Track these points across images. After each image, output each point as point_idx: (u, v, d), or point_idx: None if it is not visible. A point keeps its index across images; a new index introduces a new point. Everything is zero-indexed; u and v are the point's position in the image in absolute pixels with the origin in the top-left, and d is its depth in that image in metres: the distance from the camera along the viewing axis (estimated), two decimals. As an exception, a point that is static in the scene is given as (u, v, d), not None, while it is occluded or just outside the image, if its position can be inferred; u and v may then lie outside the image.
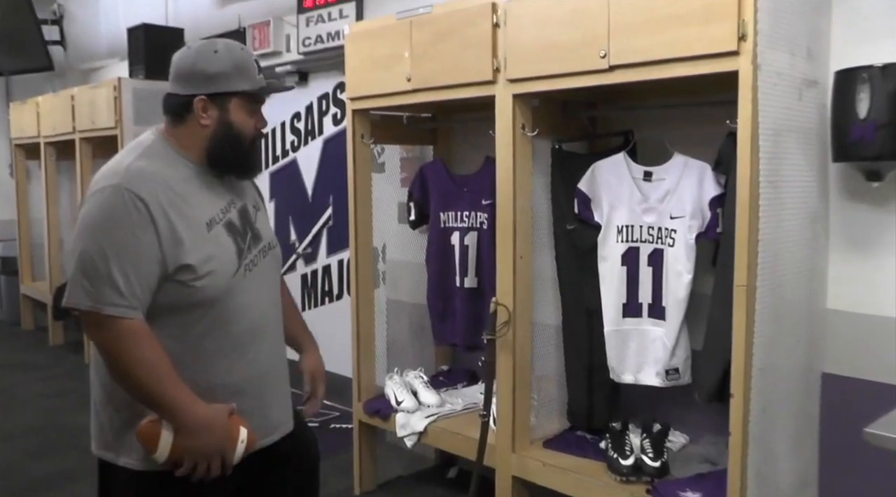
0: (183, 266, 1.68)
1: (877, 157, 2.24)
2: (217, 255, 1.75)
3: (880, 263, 2.41)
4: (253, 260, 1.84)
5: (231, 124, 1.81)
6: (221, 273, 1.74)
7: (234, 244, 1.80)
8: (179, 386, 1.67)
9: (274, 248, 1.96)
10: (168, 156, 1.79)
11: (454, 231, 3.33)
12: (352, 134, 3.35)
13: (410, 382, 3.44)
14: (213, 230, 1.76)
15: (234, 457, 1.74)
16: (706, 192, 2.55)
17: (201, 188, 1.79)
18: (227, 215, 1.82)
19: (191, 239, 1.70)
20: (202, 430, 1.67)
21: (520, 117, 2.73)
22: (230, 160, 1.82)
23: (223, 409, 1.72)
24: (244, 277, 1.80)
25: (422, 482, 3.71)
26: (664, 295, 2.65)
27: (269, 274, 1.92)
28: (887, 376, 2.39)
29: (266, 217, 2.00)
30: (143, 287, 1.65)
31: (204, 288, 1.71)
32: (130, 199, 1.64)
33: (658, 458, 2.57)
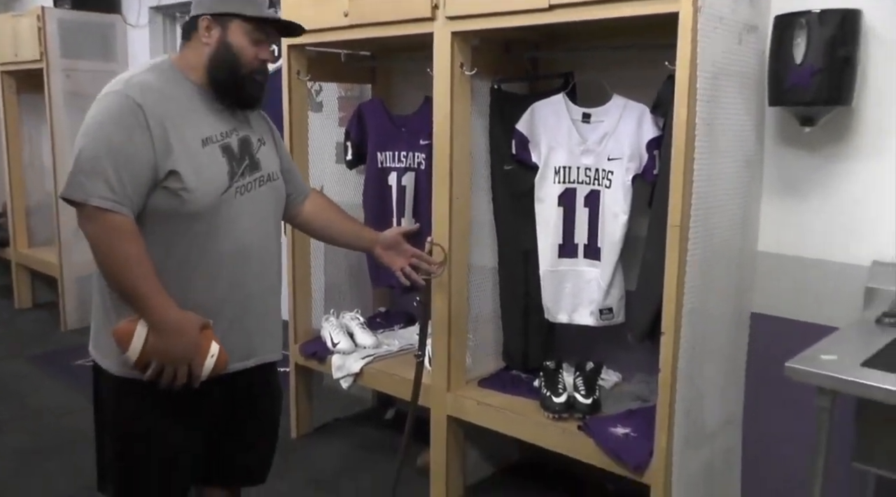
0: (172, 172, 1.75)
1: (811, 103, 2.26)
2: (207, 169, 1.81)
3: (810, 207, 2.46)
4: (246, 185, 1.90)
5: (230, 46, 1.86)
6: (209, 188, 1.81)
7: (228, 165, 1.86)
8: (156, 286, 1.74)
9: (274, 180, 2.00)
10: (173, 76, 1.87)
11: (392, 171, 3.29)
12: (287, 70, 3.28)
13: (347, 324, 3.43)
14: (207, 147, 1.83)
15: (203, 370, 1.79)
16: (644, 134, 2.56)
17: (203, 109, 1.87)
18: (227, 140, 1.88)
19: (182, 149, 1.78)
20: (172, 332, 1.74)
21: (458, 56, 2.69)
22: (227, 83, 1.87)
23: (196, 319, 1.79)
24: (234, 199, 1.86)
25: (359, 424, 3.73)
26: (600, 236, 2.67)
27: (265, 204, 1.97)
28: (813, 316, 2.45)
29: (273, 152, 2.05)
30: (134, 188, 1.73)
31: (191, 200, 1.78)
32: (129, 106, 1.74)
33: (590, 396, 2.61)
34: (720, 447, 2.54)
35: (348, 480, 3.17)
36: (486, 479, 3.15)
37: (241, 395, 2.02)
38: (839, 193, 2.40)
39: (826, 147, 2.41)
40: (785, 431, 2.56)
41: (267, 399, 2.14)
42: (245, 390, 2.02)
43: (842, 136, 2.37)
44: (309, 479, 3.17)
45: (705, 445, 2.45)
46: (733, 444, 2.62)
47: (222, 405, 1.99)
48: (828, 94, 2.24)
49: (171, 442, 1.91)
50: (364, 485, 3.12)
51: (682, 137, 2.15)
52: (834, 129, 2.37)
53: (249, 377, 2.00)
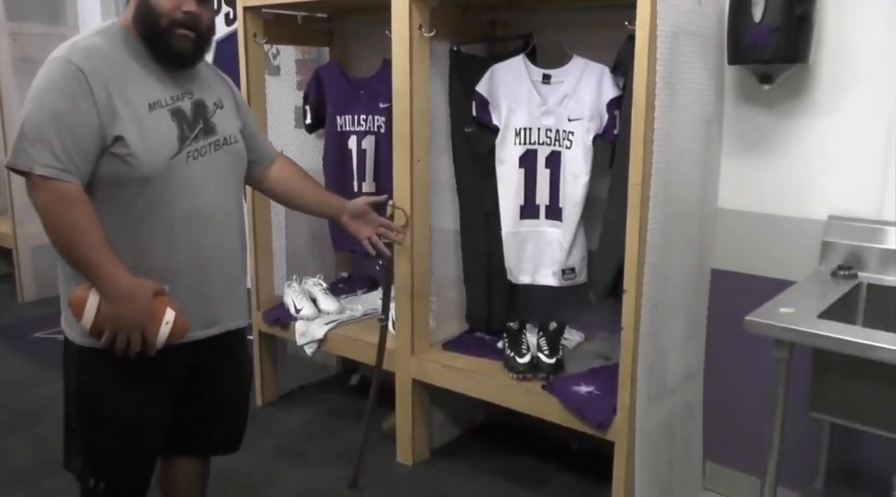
0: (118, 138, 1.73)
1: (769, 61, 2.28)
2: (154, 134, 1.78)
3: (768, 164, 2.48)
4: (200, 149, 1.86)
5: (147, 1, 1.80)
6: (156, 153, 1.77)
7: (178, 129, 1.82)
8: (106, 253, 1.72)
9: (232, 144, 1.97)
10: (120, 37, 1.83)
11: (351, 135, 3.26)
12: (244, 33, 3.22)
13: (310, 290, 3.41)
14: (154, 111, 1.79)
15: (158, 338, 1.76)
16: (604, 94, 2.56)
17: (152, 72, 1.83)
18: (178, 103, 1.85)
19: (128, 114, 1.74)
20: (123, 299, 1.72)
21: (417, 18, 2.66)
22: (151, 39, 1.82)
23: (149, 285, 1.76)
24: (186, 163, 1.83)
25: (324, 391, 3.73)
26: (561, 197, 2.68)
27: (221, 168, 1.93)
28: (771, 271, 2.49)
29: (232, 117, 2.01)
30: (81, 155, 1.71)
31: (139, 165, 1.75)
32: (72, 71, 1.70)
33: (553, 355, 2.63)
34: (681, 401, 2.58)
35: (315, 447, 3.17)
36: (452, 442, 3.17)
37: (207, 364, 2.00)
38: (797, 150, 2.43)
39: (784, 104, 2.43)
40: (744, 384, 2.61)
41: (234, 367, 2.12)
42: (211, 358, 2.00)
43: (799, 94, 2.40)
44: (275, 447, 3.17)
45: (667, 400, 2.49)
46: (694, 397, 2.67)
47: (188, 374, 1.97)
48: (785, 52, 2.25)
49: (135, 412, 1.89)
50: (331, 451, 3.13)
51: (642, 97, 2.15)
52: (791, 86, 2.39)
53: (215, 345, 1.98)
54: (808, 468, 2.47)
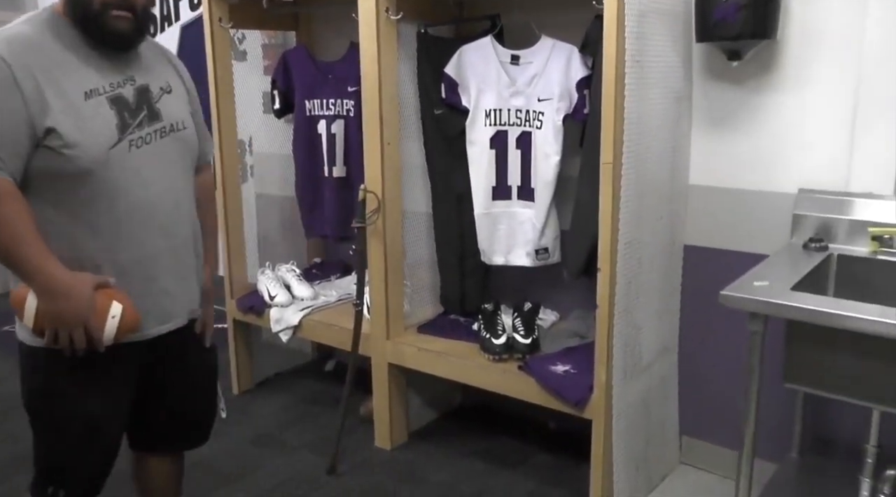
0: (50, 130, 1.63)
1: (737, 37, 2.28)
2: (90, 124, 1.68)
3: (738, 139, 2.49)
4: (144, 137, 1.77)
5: None
6: (94, 143, 1.68)
7: (118, 117, 1.72)
8: (37, 248, 1.64)
9: (180, 130, 1.86)
10: (52, 24, 1.72)
11: (320, 119, 3.23)
12: (209, 17, 3.18)
13: (283, 276, 3.39)
14: (91, 100, 1.69)
15: (105, 333, 1.68)
16: (573, 73, 2.56)
17: (88, 59, 1.72)
18: (118, 90, 1.74)
19: (61, 105, 1.64)
20: (59, 294, 1.64)
21: (383, 0, 2.64)
22: (84, 23, 1.71)
23: (88, 278, 1.68)
24: (128, 152, 1.73)
25: (300, 377, 3.72)
26: (533, 177, 2.68)
27: (171, 155, 1.84)
28: (742, 245, 2.51)
29: (181, 101, 1.92)
30: (9, 149, 1.61)
31: (76, 157, 1.65)
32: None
33: (529, 335, 2.64)
34: (657, 377, 2.60)
35: (293, 434, 3.16)
36: (429, 425, 3.18)
37: (169, 358, 1.93)
38: (766, 125, 2.44)
39: (752, 80, 2.44)
40: (718, 357, 2.64)
41: (197, 358, 2.04)
42: (172, 353, 1.92)
43: (767, 69, 2.41)
44: (253, 435, 3.16)
45: (643, 376, 2.50)
46: (669, 372, 2.69)
47: (151, 370, 1.90)
48: (753, 28, 2.26)
49: (88, 412, 1.80)
50: (308, 437, 3.12)
51: (611, 75, 2.15)
52: (759, 62, 2.40)
53: (174, 338, 1.90)
54: (782, 439, 2.50)
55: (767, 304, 1.81)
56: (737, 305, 1.85)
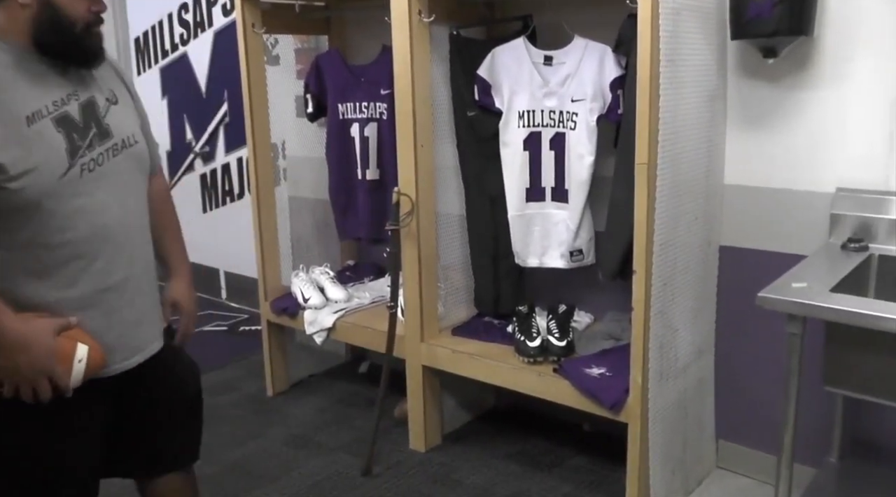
0: None
1: (773, 34, 2.26)
2: (37, 152, 1.52)
3: (774, 138, 2.46)
4: (96, 159, 1.61)
5: (54, 6, 1.55)
6: (44, 173, 1.52)
7: (66, 140, 1.56)
8: None
9: (132, 146, 1.71)
10: None
11: (353, 122, 3.24)
12: (242, 23, 3.20)
13: (317, 279, 3.41)
14: (35, 125, 1.53)
15: (72, 378, 1.57)
16: (607, 73, 2.54)
17: (25, 78, 1.55)
18: (63, 108, 1.58)
19: (2, 134, 1.47)
20: (15, 348, 1.49)
21: (416, 3, 2.65)
22: (61, 47, 1.58)
23: (47, 325, 1.54)
24: (80, 178, 1.58)
25: (334, 379, 3.74)
26: (567, 178, 2.67)
27: (124, 175, 1.69)
28: (779, 245, 2.48)
29: (128, 111, 1.76)
30: None
31: (22, 190, 1.49)
32: None
33: (563, 338, 2.63)
34: (693, 379, 2.58)
35: (327, 435, 3.17)
36: (463, 427, 3.17)
37: (143, 386, 1.80)
38: (802, 123, 2.41)
39: (788, 77, 2.41)
40: (755, 359, 2.61)
41: (177, 383, 1.92)
42: (148, 381, 1.80)
43: (804, 66, 2.37)
44: (287, 436, 3.18)
45: (679, 378, 2.48)
46: (706, 374, 2.66)
47: (127, 403, 1.78)
48: (789, 24, 2.23)
49: (58, 457, 1.66)
50: (343, 439, 3.13)
51: (646, 75, 2.14)
52: (796, 59, 2.37)
53: (149, 366, 1.78)
54: (822, 443, 2.46)
55: (806, 306, 1.79)
56: (775, 307, 1.83)
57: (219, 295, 4.84)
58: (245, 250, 3.52)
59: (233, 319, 4.48)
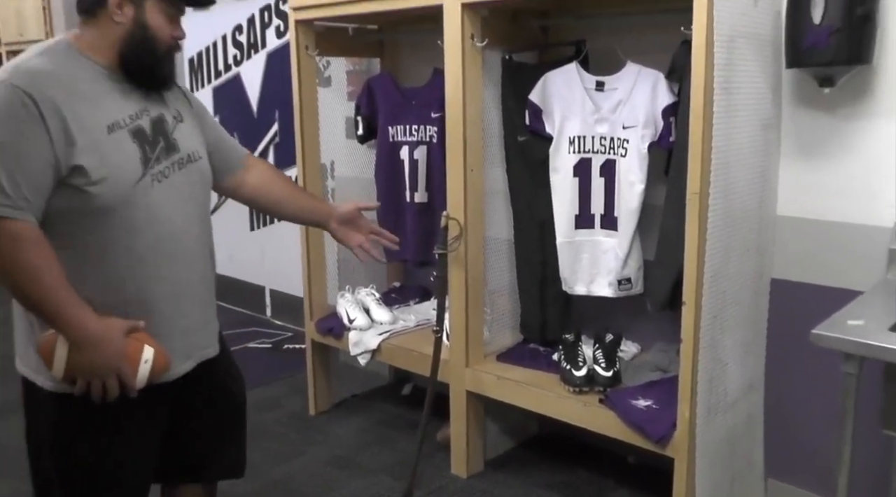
0: (75, 167, 1.57)
1: (830, 63, 2.22)
2: (115, 159, 1.63)
3: (830, 169, 2.41)
4: (163, 171, 1.72)
5: (147, 27, 1.68)
6: (120, 179, 1.63)
7: (140, 151, 1.67)
8: (66, 295, 1.57)
9: (196, 161, 1.81)
10: (71, 57, 1.67)
11: (403, 145, 3.25)
12: (295, 46, 3.24)
13: (362, 300, 3.42)
14: (114, 134, 1.64)
15: (138, 378, 1.64)
16: (659, 100, 2.51)
17: (108, 91, 1.67)
18: (137, 122, 1.69)
19: (85, 141, 1.58)
20: (92, 345, 1.58)
21: (469, 27, 2.65)
22: (142, 66, 1.70)
23: (119, 325, 1.62)
24: (151, 187, 1.69)
25: (376, 400, 3.73)
26: (616, 205, 2.64)
27: (188, 188, 1.79)
28: (833, 280, 2.42)
29: (193, 129, 1.86)
30: (33, 189, 1.55)
31: (100, 194, 1.60)
32: (18, 97, 1.53)
33: (610, 368, 2.59)
34: (742, 414, 2.52)
35: (369, 457, 3.17)
36: (506, 453, 3.14)
37: (196, 391, 1.88)
38: (860, 154, 2.36)
39: (845, 107, 2.36)
40: (807, 397, 2.54)
41: (225, 392, 2.00)
42: (199, 387, 1.88)
43: (861, 96, 2.33)
44: (330, 456, 3.18)
45: (727, 414, 2.43)
46: (755, 410, 2.60)
47: (177, 407, 1.85)
48: (847, 53, 2.19)
49: (119, 457, 1.75)
50: (385, 461, 3.12)
51: (699, 103, 2.11)
52: (853, 88, 2.32)
53: (201, 373, 1.86)
54: (878, 488, 2.38)
55: (864, 346, 1.73)
56: (830, 345, 1.78)
57: (264, 312, 4.87)
58: (291, 269, 3.53)
59: (277, 337, 4.51)
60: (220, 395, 1.98)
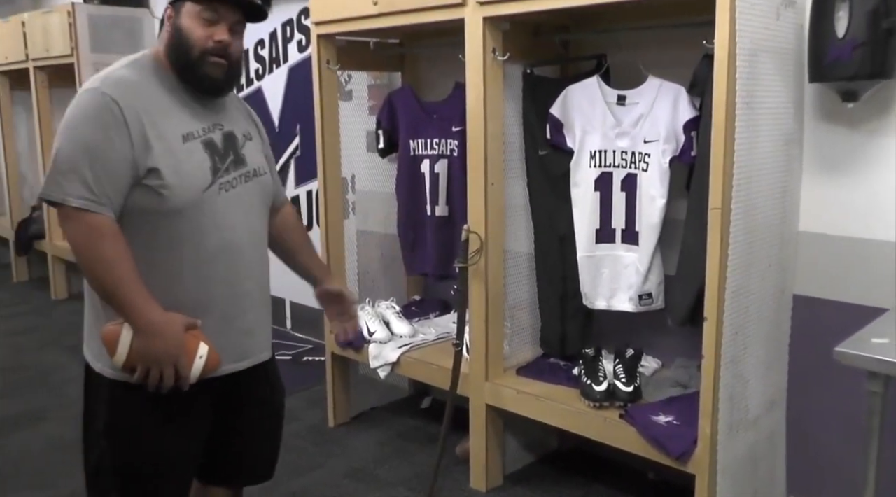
0: (151, 169, 1.71)
1: (853, 77, 2.21)
2: (187, 166, 1.76)
3: (853, 184, 2.40)
4: (231, 182, 1.84)
5: (180, 29, 1.79)
6: (190, 184, 1.76)
7: (210, 161, 1.81)
8: (136, 287, 1.69)
9: (261, 175, 1.95)
10: (153, 69, 1.82)
11: (424, 159, 3.26)
12: (317, 60, 3.26)
13: (382, 313, 3.42)
14: (188, 143, 1.78)
15: (192, 372, 1.73)
16: (681, 115, 2.51)
17: (183, 104, 1.82)
18: (209, 135, 1.83)
19: (162, 146, 1.73)
20: (155, 334, 1.68)
21: (490, 41, 2.66)
22: (182, 67, 1.81)
23: (180, 319, 1.73)
24: (218, 195, 1.81)
25: (396, 413, 3.73)
26: (637, 220, 2.63)
27: (251, 199, 1.91)
28: (856, 297, 2.40)
29: (259, 148, 2.00)
30: (113, 186, 1.69)
31: (172, 196, 1.73)
32: (105, 102, 1.69)
33: (631, 383, 2.58)
34: (764, 432, 2.50)
35: (387, 469, 3.16)
36: (525, 468, 3.13)
37: (240, 396, 1.96)
38: (884, 170, 2.34)
39: (869, 122, 2.35)
40: (830, 414, 2.51)
41: (267, 397, 2.08)
42: (243, 390, 1.96)
43: (885, 111, 2.31)
44: (348, 468, 3.17)
45: (749, 431, 2.41)
46: (777, 428, 2.58)
47: (221, 405, 1.93)
48: (871, 68, 2.18)
49: (168, 446, 1.85)
50: (403, 473, 3.12)
51: (721, 118, 2.11)
52: (877, 103, 2.31)
53: (247, 376, 1.95)
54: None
55: (889, 364, 1.71)
56: (854, 363, 1.76)
57: (284, 324, 4.89)
58: (311, 282, 3.53)
59: (297, 349, 4.52)
60: (262, 400, 2.05)
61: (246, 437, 2.03)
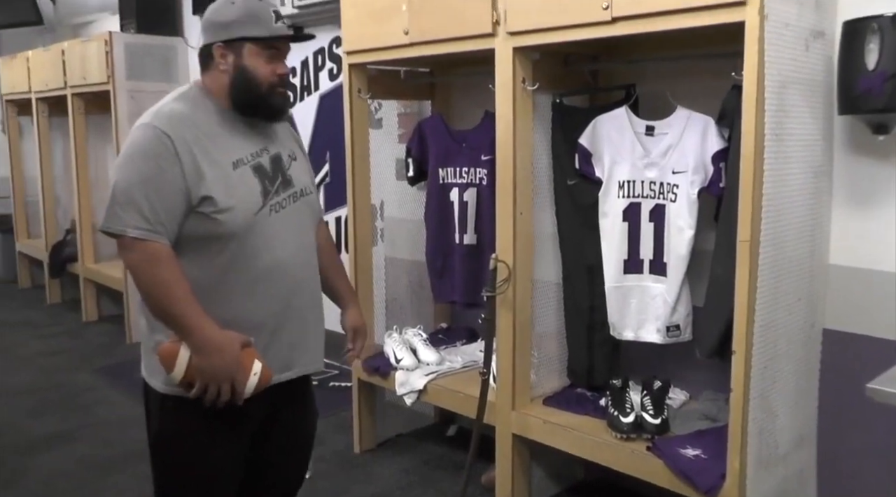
0: (205, 198, 1.80)
1: (884, 110, 2.20)
2: (240, 191, 1.85)
3: (883, 218, 2.38)
4: (280, 202, 1.94)
5: (245, 69, 1.89)
6: (243, 209, 1.85)
7: (260, 185, 1.90)
8: (194, 308, 1.78)
9: (308, 195, 2.04)
10: (200, 101, 1.92)
11: (453, 187, 3.28)
12: (348, 88, 3.30)
13: (409, 340, 3.43)
14: (238, 169, 1.87)
15: (247, 388, 1.81)
16: (709, 146, 2.51)
17: (232, 132, 1.91)
18: (258, 159, 1.92)
19: (214, 174, 1.82)
20: (213, 352, 1.77)
21: (520, 71, 2.68)
22: (250, 103, 1.92)
23: (236, 337, 1.81)
24: (269, 217, 1.90)
25: (421, 440, 3.72)
26: (666, 251, 2.63)
27: (299, 218, 2.00)
28: (888, 332, 2.37)
29: (304, 167, 2.09)
30: (168, 215, 1.79)
31: (226, 221, 1.83)
32: (157, 137, 1.79)
33: (658, 416, 2.56)
34: (794, 468, 2.47)
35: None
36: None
37: (280, 411, 2.04)
38: (916, 204, 2.32)
39: (901, 156, 2.33)
40: (863, 452, 2.47)
41: (303, 415, 2.17)
42: (283, 405, 2.04)
43: (918, 145, 2.30)
44: (372, 495, 3.17)
45: (779, 466, 2.38)
46: (807, 464, 2.54)
47: (261, 420, 2.01)
48: (903, 101, 2.17)
49: (215, 459, 1.94)
50: (428, 502, 3.11)
51: (750, 149, 2.10)
52: (909, 136, 2.30)
53: (288, 391, 2.02)
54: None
55: (923, 402, 1.69)
56: (888, 400, 1.73)
57: (312, 349, 4.90)
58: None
59: (323, 374, 4.51)
60: (298, 421, 2.15)
61: (280, 452, 2.10)
